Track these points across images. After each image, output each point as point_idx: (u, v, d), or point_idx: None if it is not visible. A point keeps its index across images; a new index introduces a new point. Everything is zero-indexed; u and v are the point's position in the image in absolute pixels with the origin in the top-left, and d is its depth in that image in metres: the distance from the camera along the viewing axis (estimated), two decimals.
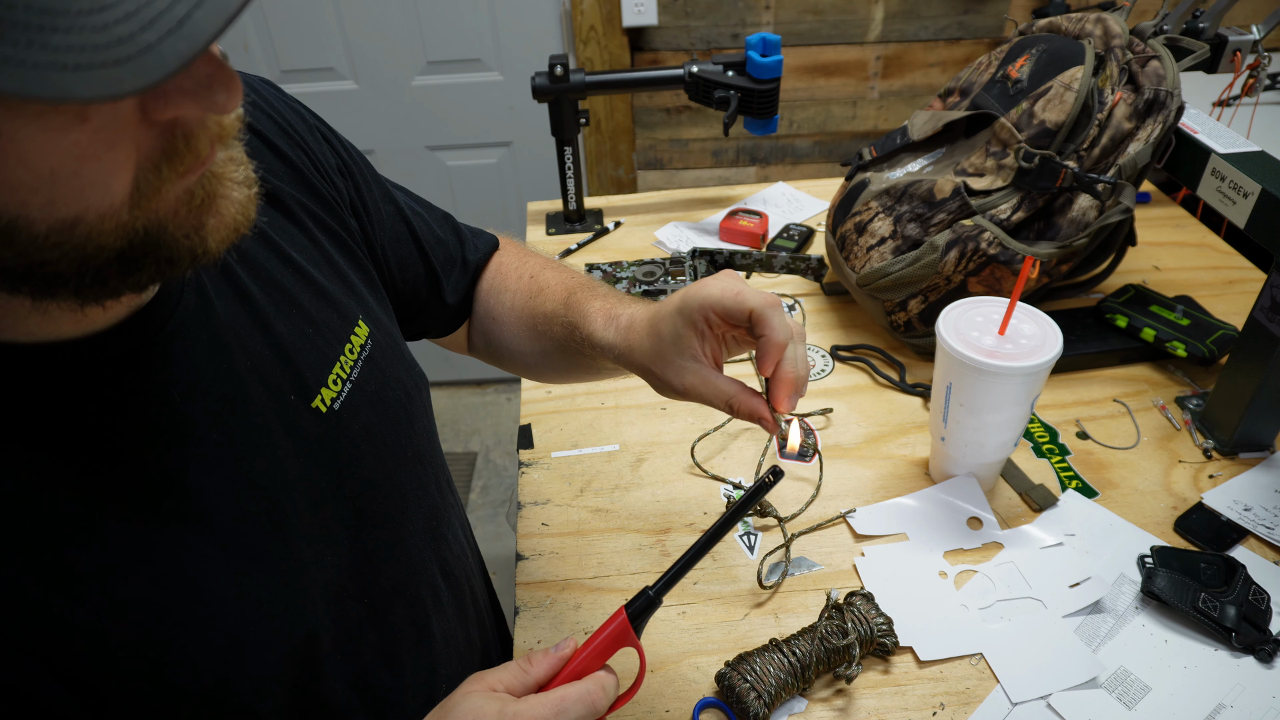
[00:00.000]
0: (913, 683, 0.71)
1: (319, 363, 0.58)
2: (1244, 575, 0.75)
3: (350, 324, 0.61)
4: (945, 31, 1.93)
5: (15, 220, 0.34)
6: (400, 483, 0.65)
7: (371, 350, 0.63)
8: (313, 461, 0.56)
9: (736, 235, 1.28)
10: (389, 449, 0.63)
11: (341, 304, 0.62)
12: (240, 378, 0.52)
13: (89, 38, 0.28)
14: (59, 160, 0.33)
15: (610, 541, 0.85)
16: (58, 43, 0.28)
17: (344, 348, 0.60)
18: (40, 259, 0.36)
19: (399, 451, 0.64)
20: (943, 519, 0.84)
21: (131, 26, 0.29)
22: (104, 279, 0.38)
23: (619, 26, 1.87)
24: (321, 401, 0.57)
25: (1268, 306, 0.82)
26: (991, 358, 0.75)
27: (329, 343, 0.59)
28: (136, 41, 0.29)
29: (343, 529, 0.58)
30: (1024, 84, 0.97)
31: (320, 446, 0.56)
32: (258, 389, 0.53)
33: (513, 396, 2.49)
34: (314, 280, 0.60)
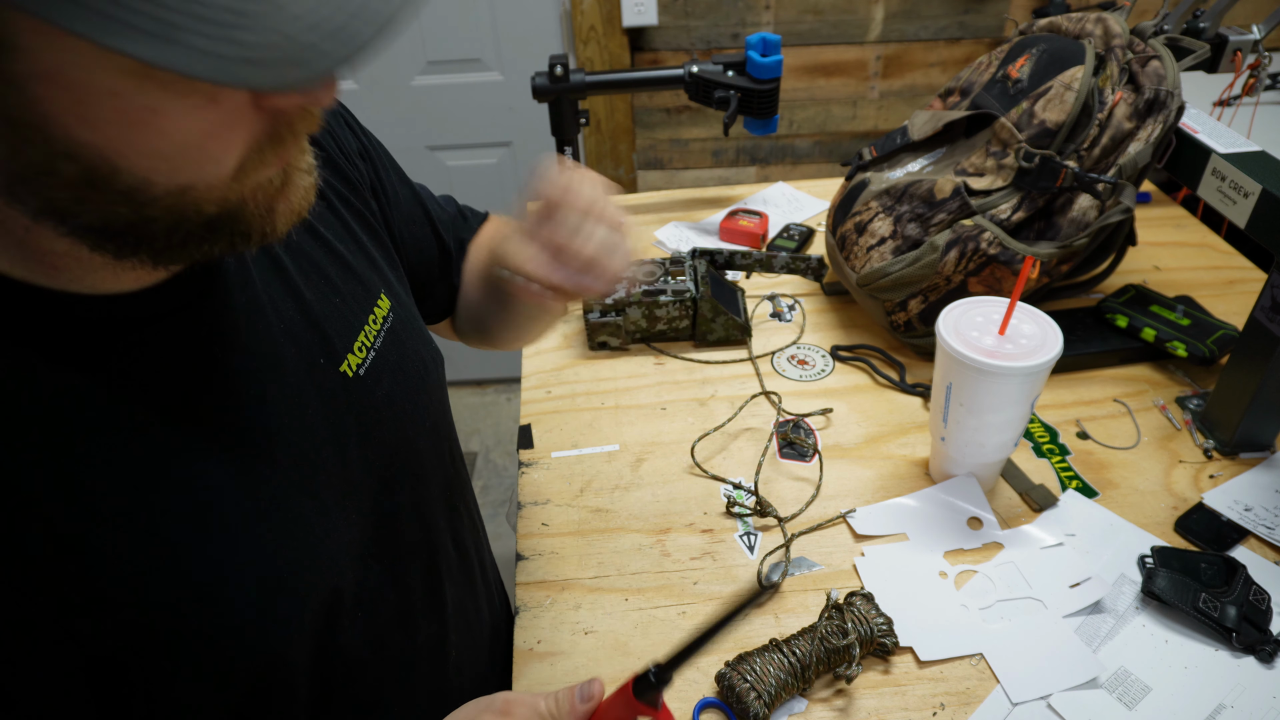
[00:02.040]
0: (913, 683, 0.71)
1: (345, 330, 0.61)
2: (1244, 575, 0.75)
3: (373, 297, 0.65)
4: (945, 31, 1.93)
5: (141, 182, 0.39)
6: (419, 450, 0.67)
7: (393, 323, 0.66)
8: (340, 424, 0.58)
9: (736, 235, 1.28)
10: (409, 417, 0.66)
11: (365, 278, 0.64)
12: (275, 339, 0.55)
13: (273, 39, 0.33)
14: (191, 134, 0.38)
15: (610, 541, 0.85)
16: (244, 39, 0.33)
17: (368, 318, 0.63)
18: (146, 217, 0.40)
19: (418, 421, 0.67)
20: (943, 519, 0.84)
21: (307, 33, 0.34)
22: (186, 244, 0.42)
23: (619, 26, 1.87)
24: (348, 367, 0.60)
25: (1268, 306, 0.82)
26: (991, 358, 0.75)
27: (354, 312, 0.62)
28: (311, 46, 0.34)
29: (367, 490, 0.61)
30: (1024, 84, 0.97)
31: (347, 409, 0.59)
32: (290, 351, 0.56)
33: (513, 396, 2.49)
34: (340, 255, 0.63)
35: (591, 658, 0.74)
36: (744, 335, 1.08)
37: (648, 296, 1.05)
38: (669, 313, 1.06)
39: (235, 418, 0.51)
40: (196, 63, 0.32)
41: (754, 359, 1.06)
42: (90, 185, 0.38)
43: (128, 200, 0.39)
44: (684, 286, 1.06)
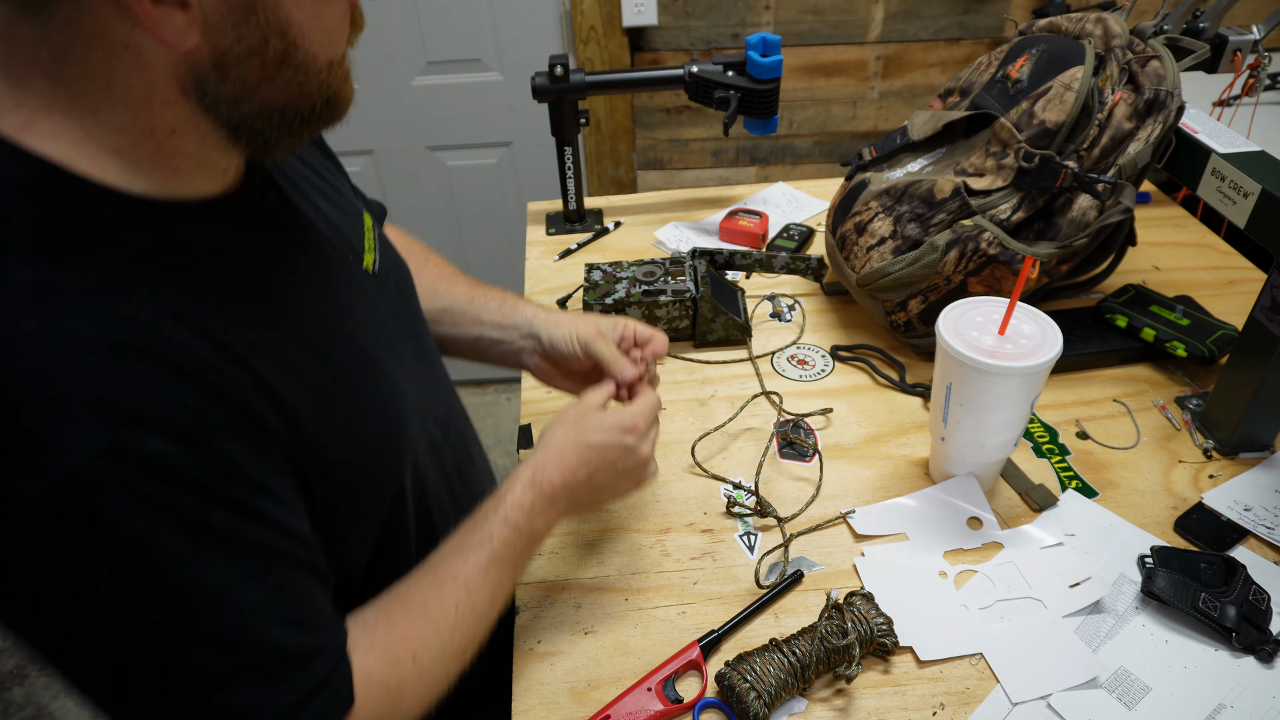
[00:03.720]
0: (913, 683, 0.71)
1: (355, 233, 0.70)
2: (1244, 575, 0.75)
3: (358, 210, 0.74)
4: (945, 31, 1.93)
5: (310, 57, 0.50)
6: (424, 337, 0.79)
7: (377, 230, 0.76)
8: (374, 313, 0.68)
9: (736, 235, 1.28)
10: (411, 309, 0.77)
11: (346, 196, 0.74)
12: (321, 239, 0.64)
13: None
14: (340, 12, 0.51)
15: (610, 541, 0.85)
16: None
17: (363, 226, 0.73)
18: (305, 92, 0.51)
19: (416, 313, 0.78)
20: (943, 519, 0.84)
21: None
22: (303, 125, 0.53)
23: (619, 26, 1.87)
24: (368, 265, 0.70)
25: (1268, 306, 0.82)
26: (991, 358, 0.75)
27: (354, 221, 0.72)
28: None
29: (409, 365, 0.71)
30: (1024, 84, 0.97)
31: (375, 300, 0.69)
32: (331, 250, 0.65)
33: (513, 396, 2.49)
34: (324, 177, 0.72)
35: (591, 658, 0.74)
36: (744, 335, 1.08)
37: (648, 296, 1.05)
38: (669, 313, 1.06)
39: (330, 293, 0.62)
40: None
41: (754, 359, 1.06)
42: (282, 61, 0.49)
43: (300, 74, 0.50)
44: (684, 286, 1.06)
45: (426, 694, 0.61)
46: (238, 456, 0.49)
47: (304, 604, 0.54)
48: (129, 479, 0.45)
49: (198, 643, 0.49)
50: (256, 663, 0.51)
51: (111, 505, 0.44)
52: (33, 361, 0.43)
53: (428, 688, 0.61)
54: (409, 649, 0.60)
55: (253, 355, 0.51)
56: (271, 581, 0.51)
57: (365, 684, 0.57)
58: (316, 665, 0.53)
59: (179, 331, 0.48)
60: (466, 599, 0.63)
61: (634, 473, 0.73)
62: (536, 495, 0.68)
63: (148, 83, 0.47)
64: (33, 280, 0.44)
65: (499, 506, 0.67)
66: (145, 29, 0.44)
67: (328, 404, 0.57)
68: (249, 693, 0.50)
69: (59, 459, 0.43)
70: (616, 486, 0.73)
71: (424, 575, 0.64)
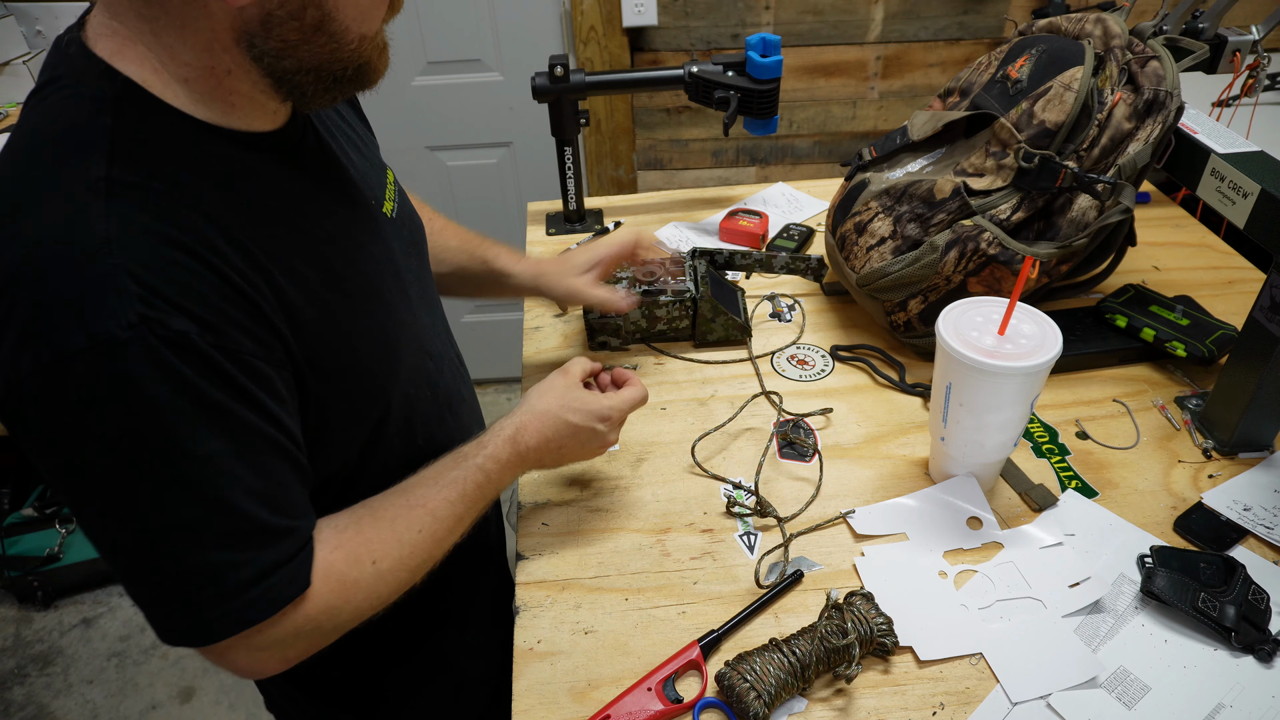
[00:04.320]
0: (913, 683, 0.72)
1: (379, 183, 0.79)
2: (1243, 575, 0.75)
3: (383, 168, 0.82)
4: (945, 31, 1.93)
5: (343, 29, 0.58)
6: (429, 283, 0.86)
7: (397, 187, 0.83)
8: (387, 252, 0.75)
9: (736, 235, 1.28)
10: (421, 257, 0.85)
11: (374, 153, 0.83)
12: (353, 181, 0.73)
13: None
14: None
15: (610, 541, 0.85)
16: None
17: (385, 179, 0.81)
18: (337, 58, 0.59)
19: (424, 261, 0.86)
20: (943, 519, 0.84)
21: None
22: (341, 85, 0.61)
23: (619, 26, 1.87)
24: (388, 210, 0.78)
25: (1267, 306, 0.82)
26: (991, 358, 0.75)
27: (377, 173, 0.80)
28: None
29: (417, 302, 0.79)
30: (1024, 84, 0.97)
31: (390, 241, 0.76)
32: (355, 191, 0.73)
33: (513, 396, 2.49)
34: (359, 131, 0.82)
35: (591, 657, 0.74)
36: (744, 335, 1.08)
37: (647, 296, 1.05)
38: (669, 313, 1.06)
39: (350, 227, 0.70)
40: None
41: (754, 359, 1.06)
42: (317, 28, 0.56)
43: (332, 41, 0.57)
44: (684, 286, 1.06)
45: (378, 596, 0.68)
46: (247, 349, 0.57)
47: (283, 490, 0.61)
48: (153, 347, 0.52)
49: (186, 501, 0.56)
50: (233, 530, 0.58)
51: (135, 366, 0.52)
52: (96, 237, 0.52)
53: (380, 590, 0.68)
54: (370, 554, 0.67)
55: (273, 266, 0.60)
56: (258, 462, 0.59)
57: (325, 574, 0.63)
58: (283, 545, 0.60)
59: (215, 236, 0.57)
60: (430, 524, 0.70)
61: (594, 451, 0.84)
62: (512, 452, 0.77)
63: (211, 29, 0.55)
64: (107, 175, 0.53)
65: (478, 453, 0.75)
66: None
67: (331, 317, 0.65)
68: (221, 556, 0.57)
69: (101, 321, 0.51)
70: (575, 456, 0.83)
71: (397, 496, 0.71)
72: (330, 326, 0.65)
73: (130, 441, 0.54)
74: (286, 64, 0.58)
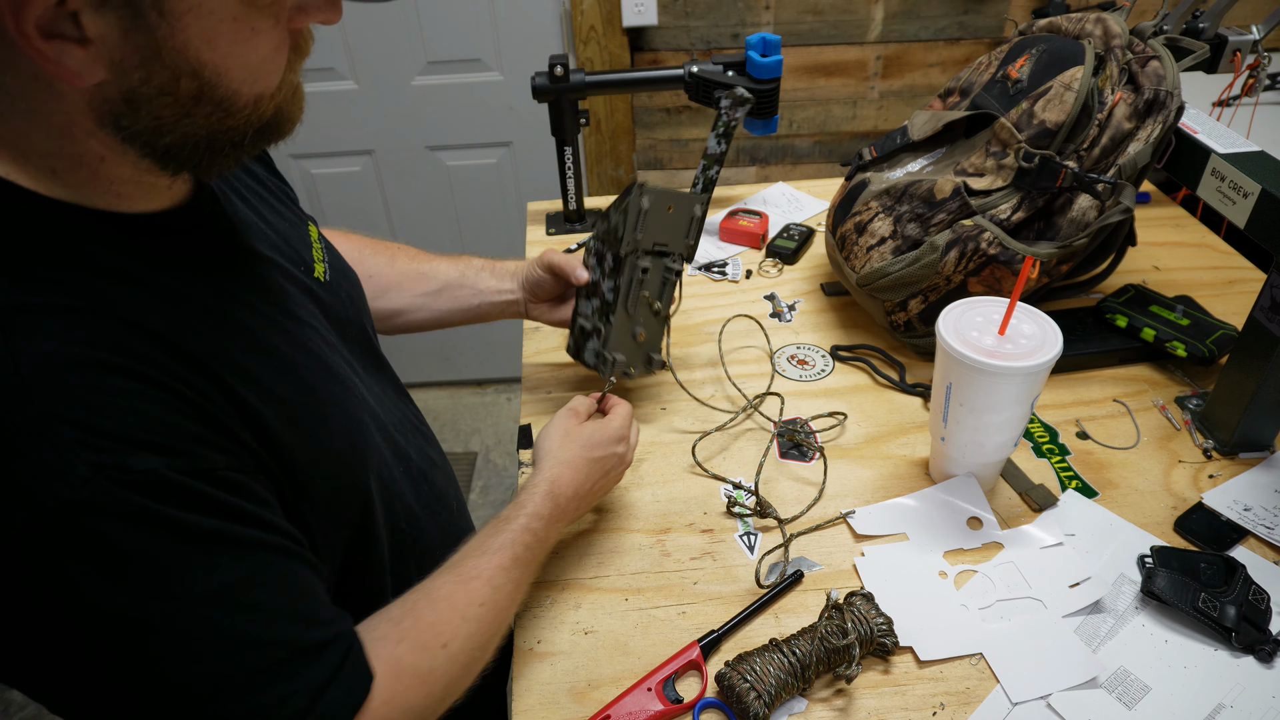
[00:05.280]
0: (913, 683, 0.71)
1: (303, 244, 0.72)
2: (1244, 575, 0.75)
3: (303, 220, 0.75)
4: (945, 31, 1.93)
5: (232, 94, 0.49)
6: (374, 344, 0.81)
7: (324, 240, 0.77)
8: (327, 320, 0.70)
9: (736, 235, 1.28)
10: (361, 315, 0.79)
11: (291, 207, 0.75)
12: (271, 254, 0.65)
13: None
14: (269, 49, 0.49)
15: (610, 541, 0.85)
16: None
17: (309, 235, 0.74)
18: (228, 126, 0.50)
19: (366, 321, 0.80)
20: (943, 519, 0.84)
21: None
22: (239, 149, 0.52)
23: (619, 26, 1.87)
24: (320, 274, 0.71)
25: (1268, 306, 0.82)
26: (991, 358, 0.75)
27: (300, 231, 0.73)
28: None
29: (359, 374, 0.73)
30: (1024, 84, 0.97)
31: (328, 309, 0.70)
32: (282, 261, 0.66)
33: (513, 396, 2.49)
34: (268, 186, 0.73)
35: (591, 657, 0.74)
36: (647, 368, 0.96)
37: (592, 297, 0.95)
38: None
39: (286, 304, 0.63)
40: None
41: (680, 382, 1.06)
42: (197, 99, 0.48)
43: (220, 109, 0.49)
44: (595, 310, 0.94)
45: (457, 681, 0.62)
46: (220, 464, 0.50)
47: (308, 597, 0.55)
48: (122, 499, 0.44)
49: (212, 650, 0.48)
50: (272, 661, 0.51)
51: (108, 528, 0.44)
52: (4, 385, 0.42)
53: (455, 674, 0.62)
54: (439, 639, 0.61)
55: (219, 367, 0.52)
56: (275, 578, 0.52)
57: (396, 672, 0.57)
58: (329, 656, 0.54)
59: (146, 346, 0.48)
60: (490, 595, 0.65)
61: (618, 476, 0.82)
62: (554, 507, 0.73)
63: (65, 112, 0.46)
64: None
65: (519, 514, 0.70)
66: (39, 65, 0.43)
67: (293, 416, 0.57)
68: (267, 693, 0.50)
69: (47, 487, 0.42)
70: (604, 489, 0.81)
71: (446, 573, 0.65)
72: (290, 424, 0.57)
73: (127, 611, 0.46)
74: (168, 140, 0.49)
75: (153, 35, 0.44)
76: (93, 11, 0.42)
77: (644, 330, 0.93)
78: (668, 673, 0.71)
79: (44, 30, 0.42)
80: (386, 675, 0.57)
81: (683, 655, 0.72)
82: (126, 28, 0.43)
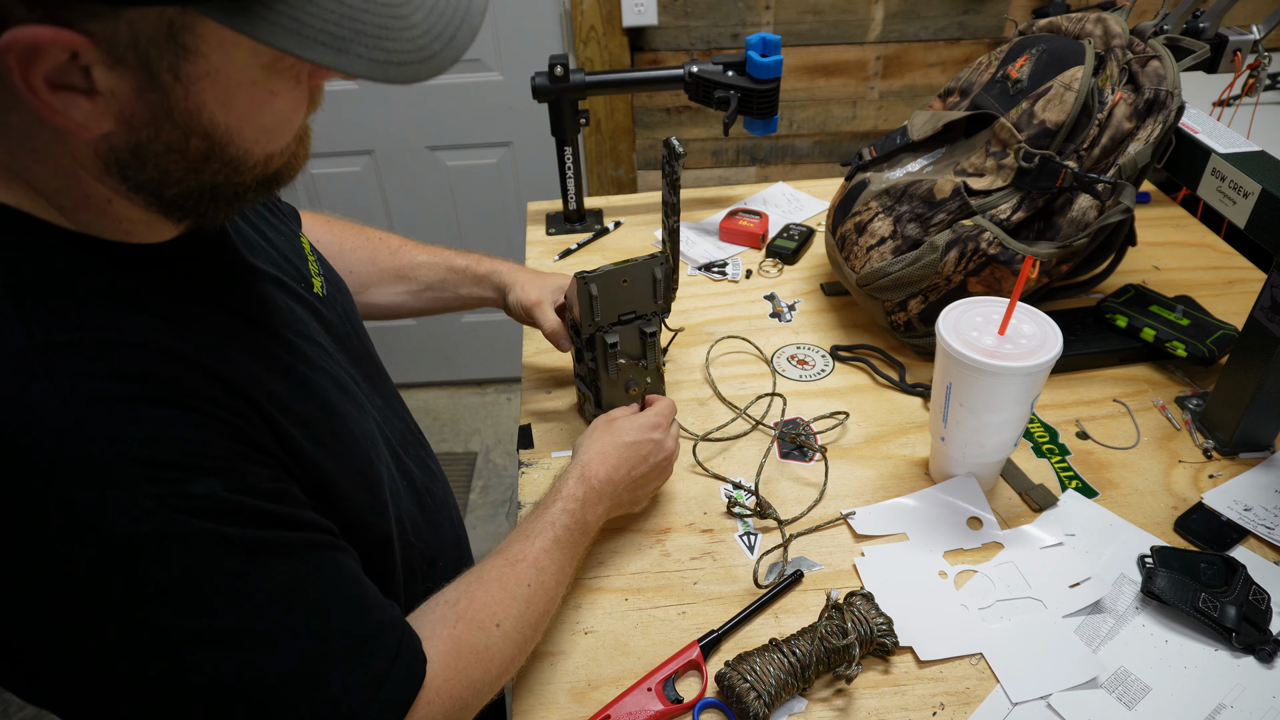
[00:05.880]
0: (913, 683, 0.71)
1: (300, 258, 0.72)
2: (1244, 575, 0.75)
3: (295, 231, 0.76)
4: (945, 31, 1.93)
5: (244, 153, 0.48)
6: (372, 356, 0.81)
7: (316, 251, 0.77)
8: (330, 336, 0.70)
9: (736, 235, 1.28)
10: (358, 325, 0.79)
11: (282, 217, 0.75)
12: (275, 272, 0.65)
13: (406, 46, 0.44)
14: (286, 109, 0.49)
15: (610, 541, 0.85)
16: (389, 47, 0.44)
17: (303, 247, 0.74)
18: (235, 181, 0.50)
19: (362, 332, 0.80)
20: (943, 519, 0.84)
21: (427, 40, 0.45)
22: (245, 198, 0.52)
23: (619, 26, 1.87)
24: (318, 288, 0.72)
25: (1268, 306, 0.82)
26: (991, 358, 0.75)
27: (295, 244, 0.73)
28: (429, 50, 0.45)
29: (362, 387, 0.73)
30: (1024, 84, 0.97)
31: (330, 324, 0.71)
32: (286, 279, 0.66)
33: (513, 396, 2.49)
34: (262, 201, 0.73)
35: (591, 657, 0.74)
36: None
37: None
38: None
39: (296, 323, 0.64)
40: (359, 66, 0.43)
41: (770, 360, 1.06)
42: (207, 158, 0.47)
43: (228, 167, 0.48)
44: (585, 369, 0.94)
45: (512, 659, 0.65)
46: (264, 477, 0.52)
47: (358, 585, 0.57)
48: (186, 525, 0.46)
49: (280, 651, 0.51)
50: (336, 651, 0.53)
51: (175, 553, 0.46)
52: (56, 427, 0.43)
53: (513, 652, 0.65)
54: (493, 618, 0.64)
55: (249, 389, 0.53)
56: (327, 575, 0.54)
57: (457, 650, 0.60)
58: (387, 639, 0.56)
59: (182, 373, 0.49)
60: (536, 576, 0.68)
61: (662, 466, 0.82)
62: (587, 489, 0.75)
63: (70, 156, 0.46)
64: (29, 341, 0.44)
65: (555, 499, 0.74)
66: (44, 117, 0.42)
67: (317, 435, 0.59)
68: (334, 684, 0.52)
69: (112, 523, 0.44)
70: (649, 480, 0.82)
71: (495, 558, 0.69)
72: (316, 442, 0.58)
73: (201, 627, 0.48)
74: (174, 191, 0.49)
75: (166, 96, 0.44)
76: (105, 68, 0.41)
77: (637, 386, 0.94)
78: (668, 673, 0.71)
79: (52, 82, 0.41)
80: (448, 653, 0.60)
81: (683, 655, 0.72)
82: (140, 86, 0.43)
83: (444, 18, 0.46)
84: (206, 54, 0.43)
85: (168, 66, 0.42)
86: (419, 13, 0.45)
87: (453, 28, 0.46)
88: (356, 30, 0.42)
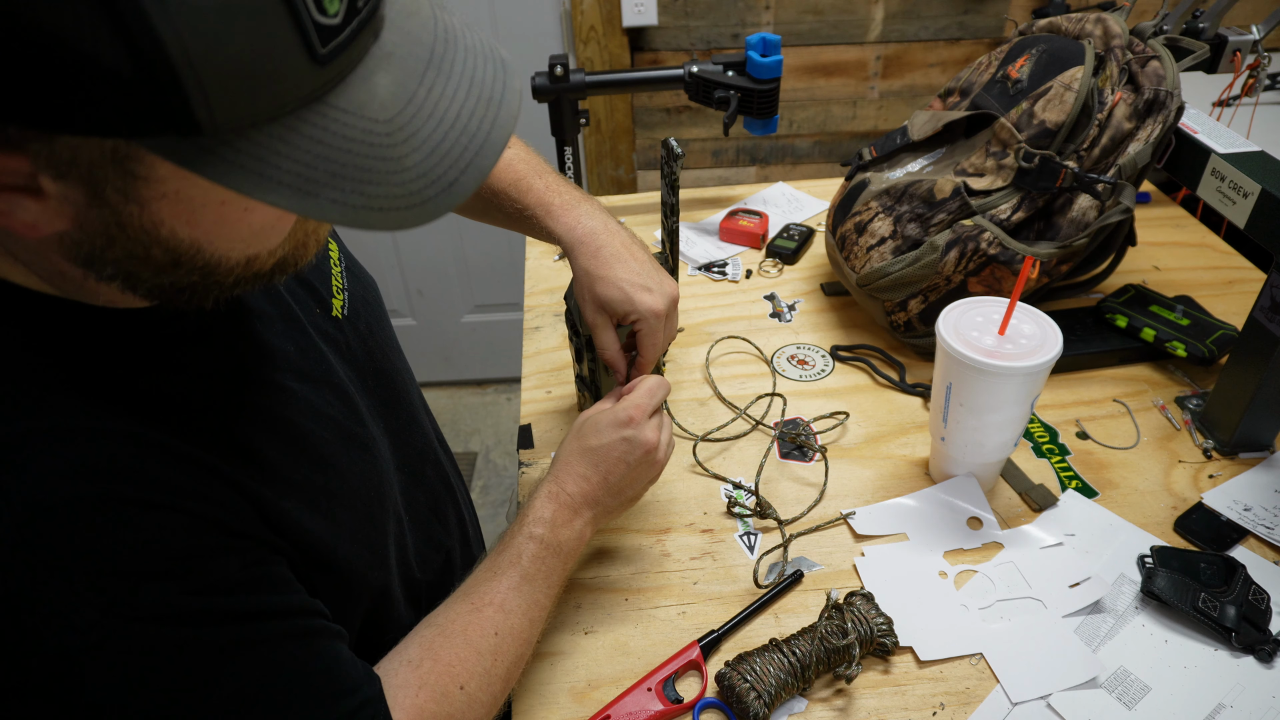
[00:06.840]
0: (913, 683, 0.71)
1: (322, 279, 0.68)
2: (1244, 575, 0.75)
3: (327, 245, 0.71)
4: (945, 31, 1.93)
5: (219, 259, 0.44)
6: (399, 370, 0.77)
7: (346, 262, 0.74)
8: (346, 361, 0.67)
9: (736, 235, 1.28)
10: (382, 343, 0.75)
11: None
12: (287, 302, 0.62)
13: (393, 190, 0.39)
14: (269, 219, 0.44)
15: (611, 541, 0.85)
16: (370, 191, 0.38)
17: (330, 262, 0.71)
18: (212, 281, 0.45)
19: (388, 345, 0.77)
20: (943, 519, 0.84)
21: (420, 185, 0.39)
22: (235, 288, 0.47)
23: (619, 26, 1.87)
24: (338, 311, 0.68)
25: (1268, 306, 0.82)
26: (991, 358, 0.75)
27: (321, 261, 0.69)
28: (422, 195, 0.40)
29: (378, 414, 0.70)
30: (1024, 84, 0.97)
31: (347, 348, 0.68)
32: (297, 309, 0.63)
33: (513, 396, 2.49)
34: None
35: (591, 657, 0.74)
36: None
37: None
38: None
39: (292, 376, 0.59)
40: (330, 212, 0.38)
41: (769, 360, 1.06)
42: (174, 265, 0.43)
43: (202, 272, 0.44)
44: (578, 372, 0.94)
45: (482, 717, 0.61)
46: (234, 567, 0.49)
47: (333, 670, 0.54)
48: (135, 634, 0.44)
49: None
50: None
51: (124, 664, 0.44)
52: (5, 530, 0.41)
53: (481, 714, 0.61)
54: (455, 681, 0.60)
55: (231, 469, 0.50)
56: (299, 666, 0.51)
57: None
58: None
59: (154, 465, 0.46)
60: (504, 621, 0.63)
61: (645, 463, 0.71)
62: (557, 507, 0.69)
63: (36, 247, 0.44)
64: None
65: (521, 525, 0.68)
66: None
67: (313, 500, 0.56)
68: None
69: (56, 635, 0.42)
70: (633, 481, 0.72)
71: (460, 601, 0.64)
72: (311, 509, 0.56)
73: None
74: (148, 286, 0.45)
75: (117, 213, 0.39)
76: (51, 179, 0.37)
77: None
78: (668, 673, 0.71)
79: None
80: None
81: (683, 655, 0.72)
82: (89, 200, 0.39)
83: (446, 159, 0.40)
84: (161, 179, 0.38)
85: (115, 189, 0.38)
86: (416, 154, 0.39)
87: (455, 172, 0.40)
88: (333, 173, 0.37)
